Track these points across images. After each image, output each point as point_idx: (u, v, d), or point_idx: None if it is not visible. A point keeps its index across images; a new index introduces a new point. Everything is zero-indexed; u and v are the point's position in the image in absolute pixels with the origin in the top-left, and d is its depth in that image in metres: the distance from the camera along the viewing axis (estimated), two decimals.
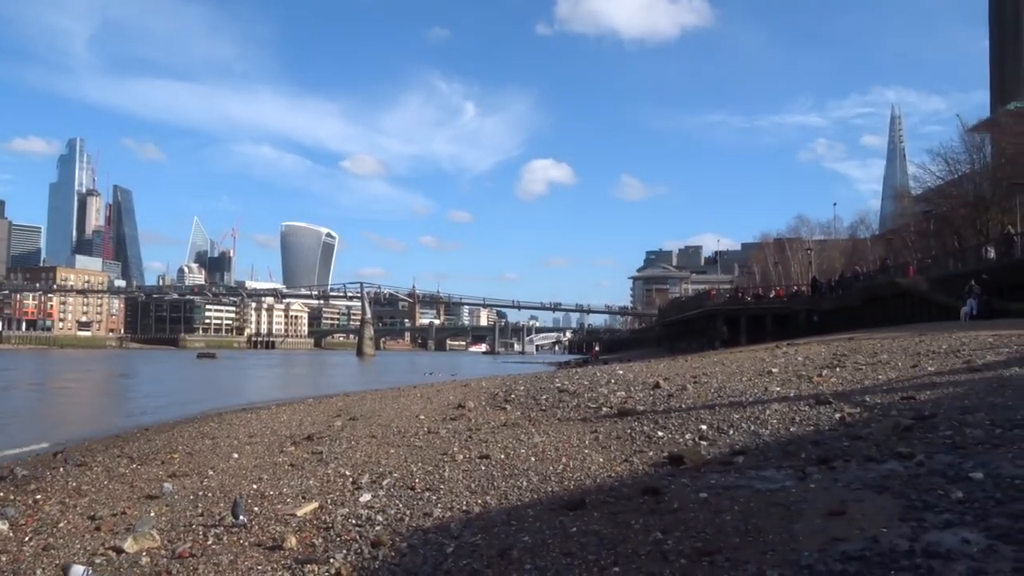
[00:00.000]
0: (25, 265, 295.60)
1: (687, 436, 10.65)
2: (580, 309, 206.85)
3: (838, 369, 16.21)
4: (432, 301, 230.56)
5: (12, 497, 10.92)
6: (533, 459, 10.02)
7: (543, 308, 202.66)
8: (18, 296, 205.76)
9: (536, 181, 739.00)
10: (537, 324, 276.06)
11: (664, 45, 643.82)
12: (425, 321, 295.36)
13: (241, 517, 7.64)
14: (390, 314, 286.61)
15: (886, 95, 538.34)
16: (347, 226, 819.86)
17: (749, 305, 58.68)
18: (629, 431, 11.58)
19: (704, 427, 11.04)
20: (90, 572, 6.39)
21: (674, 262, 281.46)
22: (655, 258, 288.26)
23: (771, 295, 62.69)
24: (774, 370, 17.27)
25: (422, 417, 16.72)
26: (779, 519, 6.05)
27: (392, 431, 14.59)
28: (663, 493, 7.31)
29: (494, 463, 9.98)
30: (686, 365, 23.41)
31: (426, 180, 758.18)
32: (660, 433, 11.06)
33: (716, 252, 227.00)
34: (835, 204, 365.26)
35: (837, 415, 10.65)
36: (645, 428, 11.64)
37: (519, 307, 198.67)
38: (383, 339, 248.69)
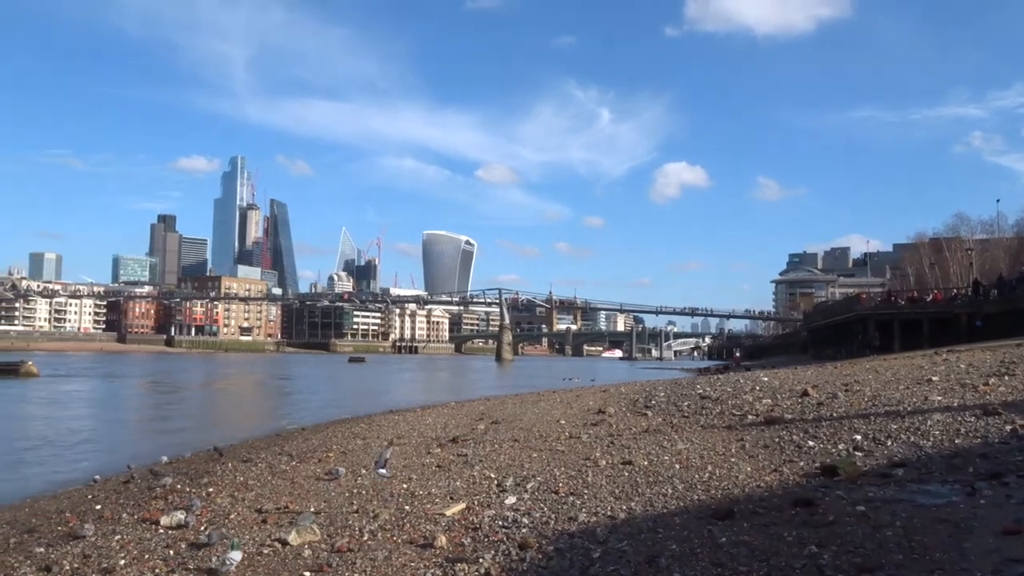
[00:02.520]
0: (193, 275, 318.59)
1: (840, 446, 10.18)
2: (719, 314, 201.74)
3: (1007, 377, 15.07)
4: (569, 306, 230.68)
5: (188, 489, 11.74)
6: (677, 466, 9.85)
7: (681, 313, 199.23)
8: (188, 303, 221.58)
9: (669, 185, 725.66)
10: (675, 329, 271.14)
11: (799, 40, 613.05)
12: (562, 326, 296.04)
13: (382, 470, 7.77)
14: (527, 319, 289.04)
15: None
16: (484, 234, 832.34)
17: (903, 309, 55.36)
18: (777, 440, 11.19)
19: (858, 437, 10.52)
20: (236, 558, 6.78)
21: (819, 265, 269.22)
22: (799, 261, 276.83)
23: (927, 298, 58.89)
24: (934, 378, 16.25)
25: (563, 422, 16.76)
26: (946, 536, 5.69)
27: (534, 435, 14.70)
28: (817, 505, 7.02)
29: (637, 469, 9.87)
30: (835, 372, 22.40)
31: (560, 187, 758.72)
32: (811, 443, 10.63)
33: (865, 254, 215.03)
34: (998, 200, 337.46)
35: (1008, 427, 9.91)
36: (794, 437, 11.21)
37: (657, 312, 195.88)
38: (521, 344, 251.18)
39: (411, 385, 62.24)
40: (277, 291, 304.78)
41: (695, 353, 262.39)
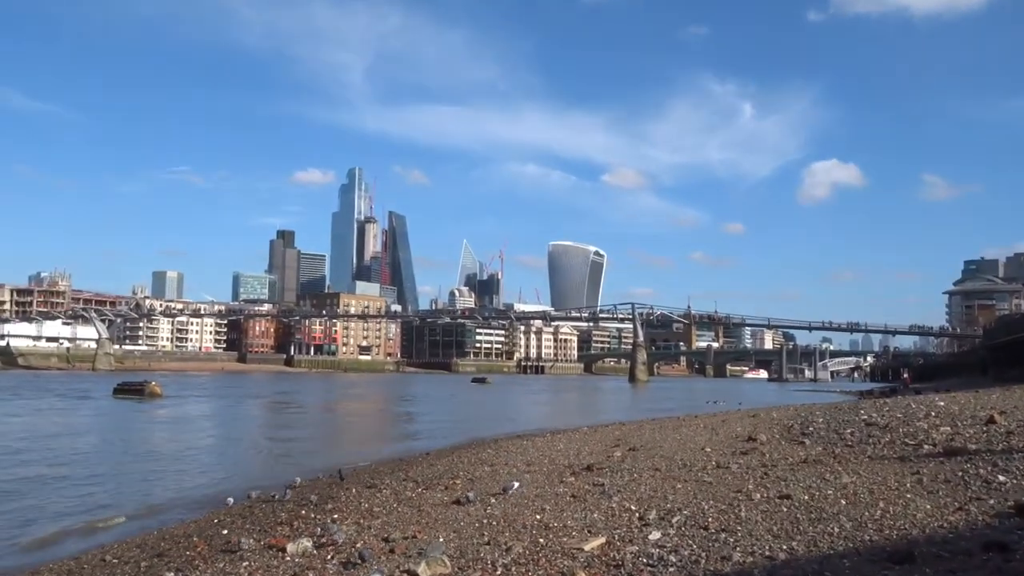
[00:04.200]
0: (312, 291, 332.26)
1: None
2: (882, 330, 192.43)
3: None
4: (710, 322, 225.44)
5: (313, 516, 12.21)
6: (843, 502, 9.47)
7: (838, 329, 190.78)
8: (307, 322, 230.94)
9: (819, 185, 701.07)
10: (831, 347, 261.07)
11: (967, 18, 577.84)
12: (702, 344, 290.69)
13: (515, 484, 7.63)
14: (663, 337, 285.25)
15: None
16: (613, 243, 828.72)
17: None
18: (960, 473, 10.59)
19: None
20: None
21: (1000, 273, 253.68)
22: (976, 269, 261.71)
23: None
24: None
25: (708, 450, 16.53)
26: None
27: (676, 464, 14.51)
28: (1013, 550, 6.59)
29: (797, 504, 9.56)
30: None
31: (696, 190, 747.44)
32: (1001, 478, 9.99)
33: None
34: None
35: None
36: (981, 471, 10.57)
37: (810, 328, 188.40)
38: (656, 364, 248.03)
39: (539, 408, 62.58)
40: (396, 308, 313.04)
41: (855, 374, 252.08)
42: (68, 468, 20.89)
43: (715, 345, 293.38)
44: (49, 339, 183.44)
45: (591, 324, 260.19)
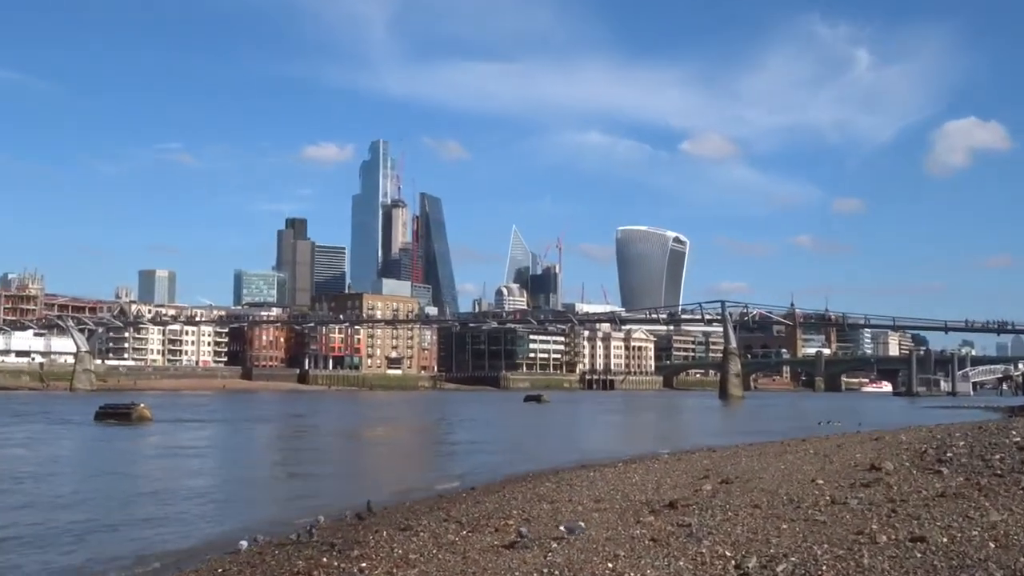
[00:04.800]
0: (329, 291, 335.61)
1: None
2: None
3: None
4: (819, 323, 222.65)
5: (336, 564, 12.37)
6: (992, 545, 9.40)
7: (983, 330, 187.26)
8: (324, 329, 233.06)
9: (954, 150, 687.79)
10: (973, 353, 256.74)
11: None
12: (810, 351, 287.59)
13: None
14: (761, 342, 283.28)
15: None
16: (697, 227, 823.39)
17: None
18: None
19: None
20: None
21: None
22: None
23: None
24: None
25: (820, 482, 16.48)
26: None
27: (780, 499, 14.49)
28: None
29: (933, 548, 9.49)
30: None
31: (799, 160, 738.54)
32: None
33: None
34: None
35: None
36: None
37: (947, 329, 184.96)
38: (753, 375, 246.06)
39: (608, 431, 62.57)
40: (432, 310, 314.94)
41: (1003, 385, 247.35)
42: (50, 513, 21.41)
43: (826, 352, 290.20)
44: (19, 353, 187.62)
45: (671, 328, 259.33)
